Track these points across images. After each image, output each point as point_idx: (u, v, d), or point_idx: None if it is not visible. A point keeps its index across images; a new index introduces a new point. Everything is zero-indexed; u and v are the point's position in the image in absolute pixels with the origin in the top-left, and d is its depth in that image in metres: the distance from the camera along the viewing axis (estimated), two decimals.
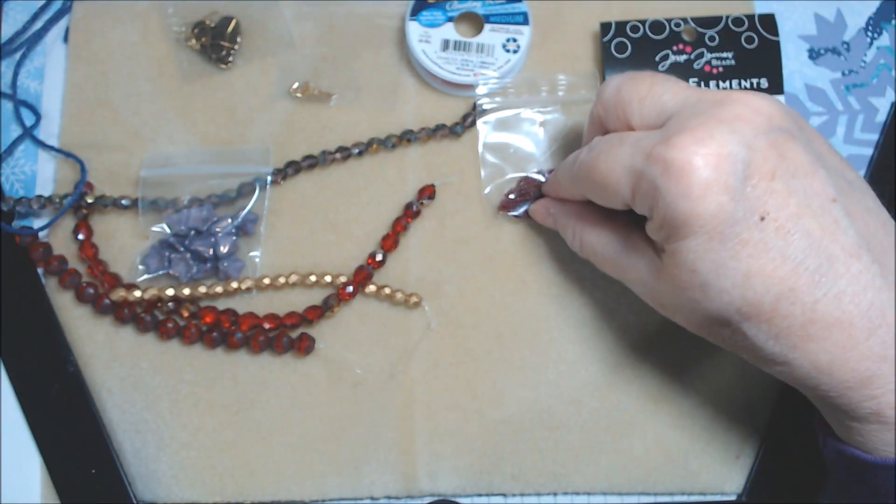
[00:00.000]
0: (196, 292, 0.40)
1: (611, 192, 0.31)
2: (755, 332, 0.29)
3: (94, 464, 0.39)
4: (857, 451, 0.29)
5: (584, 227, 0.36)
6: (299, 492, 0.39)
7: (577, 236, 0.37)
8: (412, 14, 0.43)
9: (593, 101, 0.35)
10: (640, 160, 0.29)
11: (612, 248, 0.35)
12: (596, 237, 0.35)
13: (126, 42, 0.44)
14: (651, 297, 0.33)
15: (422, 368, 0.40)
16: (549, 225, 0.39)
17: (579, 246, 0.37)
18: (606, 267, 0.35)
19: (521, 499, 0.40)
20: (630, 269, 0.33)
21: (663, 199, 0.28)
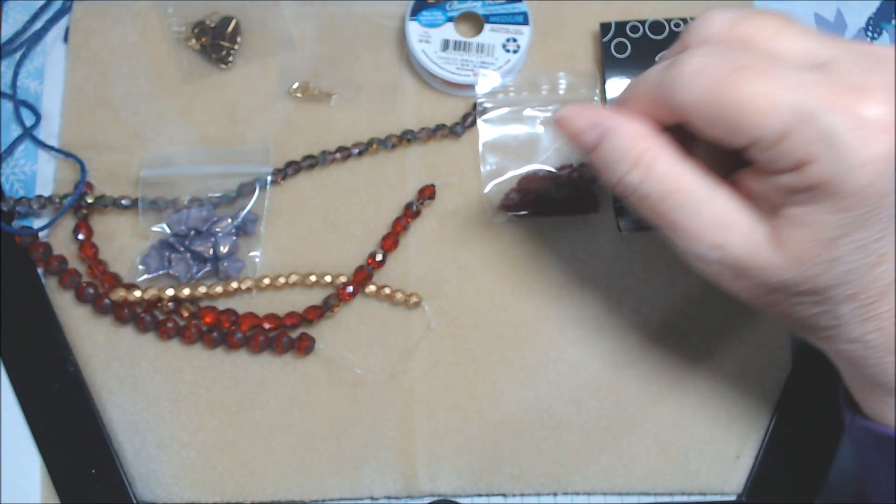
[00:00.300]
0: (196, 292, 0.40)
1: (740, 124, 0.25)
2: (844, 310, 0.27)
3: (94, 464, 0.39)
4: (887, 429, 0.29)
5: (661, 154, 0.28)
6: (299, 492, 0.39)
7: (646, 165, 0.28)
8: (412, 14, 0.43)
9: (684, 34, 0.29)
10: (817, 103, 0.24)
11: (694, 190, 0.28)
12: (676, 171, 0.28)
13: (126, 42, 0.44)
14: (720, 259, 0.28)
15: (422, 368, 0.40)
16: (586, 143, 0.30)
17: (641, 179, 0.28)
18: (672, 216, 0.28)
19: (521, 499, 0.40)
20: (709, 222, 0.27)
21: (836, 160, 0.24)
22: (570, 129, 0.30)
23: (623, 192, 0.29)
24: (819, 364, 0.40)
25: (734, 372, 0.40)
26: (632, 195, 0.29)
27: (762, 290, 0.28)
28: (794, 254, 0.26)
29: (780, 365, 0.40)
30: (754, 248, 0.27)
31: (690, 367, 0.40)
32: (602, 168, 0.29)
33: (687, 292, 0.41)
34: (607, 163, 0.29)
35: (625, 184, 0.29)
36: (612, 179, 0.29)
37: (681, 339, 0.41)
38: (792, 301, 0.28)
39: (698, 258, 0.28)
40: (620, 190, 0.29)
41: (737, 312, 0.41)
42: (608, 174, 0.29)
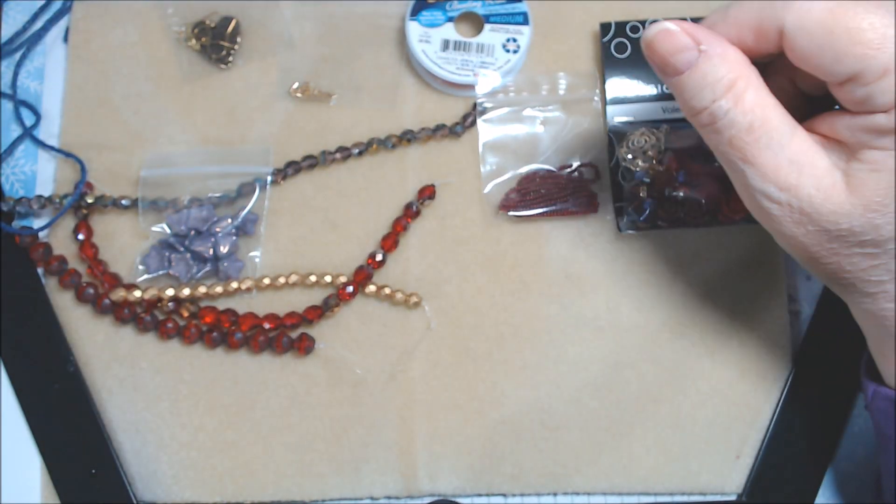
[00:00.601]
0: (196, 292, 0.40)
1: (850, 53, 0.25)
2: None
3: (94, 464, 0.39)
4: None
5: (752, 84, 0.27)
6: (299, 492, 0.39)
7: (738, 93, 0.27)
8: (412, 14, 0.43)
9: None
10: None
11: (778, 126, 0.27)
12: (765, 104, 0.27)
13: (126, 42, 0.44)
14: (789, 200, 0.27)
15: (422, 368, 0.40)
16: (678, 63, 0.28)
17: (730, 107, 0.27)
18: (751, 149, 0.27)
19: (521, 499, 0.40)
20: (787, 160, 0.27)
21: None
22: (665, 49, 0.28)
23: (707, 120, 0.28)
24: (819, 364, 0.40)
25: (734, 372, 0.40)
26: (715, 123, 0.28)
27: (822, 238, 0.28)
28: (865, 200, 0.26)
29: (780, 365, 0.40)
30: (827, 191, 0.27)
31: (690, 367, 0.40)
32: (689, 93, 0.28)
33: (687, 292, 0.41)
34: (698, 87, 0.28)
35: (712, 110, 0.28)
36: (698, 105, 0.28)
37: (681, 339, 0.41)
38: (849, 252, 0.28)
39: (767, 197, 0.28)
40: (703, 118, 0.28)
41: (737, 312, 0.41)
42: (696, 99, 0.28)
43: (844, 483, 0.39)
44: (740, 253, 0.42)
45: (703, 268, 0.42)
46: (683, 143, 0.41)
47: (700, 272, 0.41)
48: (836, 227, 0.27)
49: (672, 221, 0.40)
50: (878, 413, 0.32)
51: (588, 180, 0.42)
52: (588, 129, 0.43)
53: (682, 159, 0.40)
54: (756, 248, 0.42)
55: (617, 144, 0.42)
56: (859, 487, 0.39)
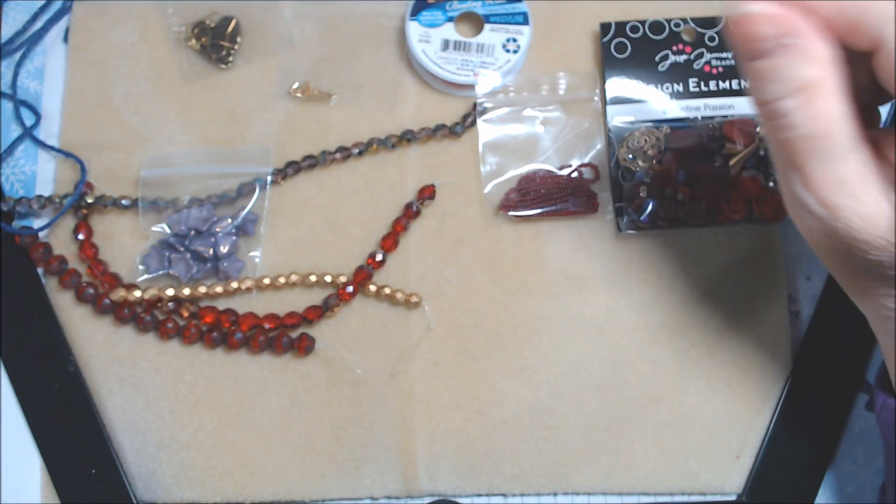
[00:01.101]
0: (196, 292, 0.40)
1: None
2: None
3: (94, 464, 0.39)
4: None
5: (830, 89, 0.24)
6: (299, 492, 0.39)
7: (811, 96, 0.24)
8: (412, 14, 0.43)
9: None
10: None
11: (841, 140, 0.25)
12: (835, 113, 0.24)
13: (126, 42, 0.44)
14: (825, 217, 0.25)
15: (422, 368, 0.40)
16: (757, 50, 0.25)
17: (797, 108, 0.24)
18: (804, 157, 0.25)
19: (521, 499, 0.40)
20: (836, 178, 0.25)
21: None
22: (748, 32, 0.25)
23: (767, 115, 0.26)
24: (819, 364, 0.40)
25: (734, 372, 0.40)
26: (776, 120, 0.25)
27: (847, 258, 0.26)
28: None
29: (780, 365, 0.40)
30: (867, 220, 0.25)
31: (690, 367, 0.40)
32: (757, 81, 0.25)
33: (687, 292, 0.41)
34: (769, 78, 0.25)
35: (776, 106, 0.25)
36: (762, 97, 0.25)
37: (681, 339, 0.41)
38: (870, 275, 0.26)
39: (804, 207, 0.26)
40: (766, 111, 0.26)
41: (737, 312, 0.41)
42: (761, 91, 0.25)
43: (844, 483, 0.39)
44: (740, 253, 0.42)
45: (703, 268, 0.42)
46: (683, 143, 0.41)
47: (700, 272, 0.41)
48: (865, 256, 0.26)
49: (672, 221, 0.40)
50: (886, 425, 0.31)
51: (588, 180, 0.42)
52: (588, 129, 0.43)
53: (682, 159, 0.40)
54: (756, 248, 0.42)
55: (617, 144, 0.42)
56: (859, 487, 0.39)
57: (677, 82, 0.43)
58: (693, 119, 0.42)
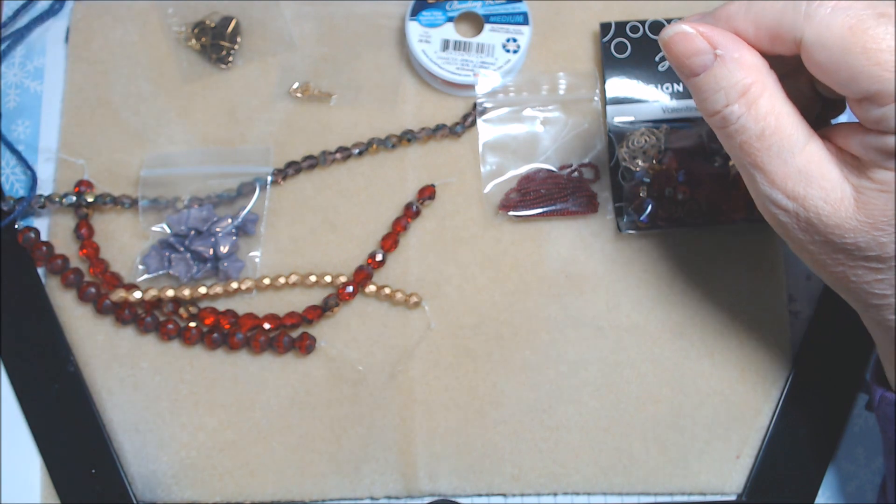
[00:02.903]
0: (196, 293, 0.40)
1: (865, 74, 0.25)
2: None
3: (94, 464, 0.39)
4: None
5: (767, 89, 0.27)
6: (299, 492, 0.39)
7: (752, 98, 0.27)
8: (412, 14, 0.43)
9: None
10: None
11: (791, 134, 0.27)
12: (779, 111, 0.27)
13: (126, 42, 0.44)
14: (796, 209, 0.27)
15: (422, 368, 0.40)
16: (694, 66, 0.28)
17: (745, 111, 0.27)
18: (761, 156, 0.27)
19: (521, 499, 0.40)
20: (796, 170, 0.27)
21: None
22: (680, 50, 0.28)
23: (719, 124, 0.28)
24: (819, 364, 0.40)
25: (734, 372, 0.40)
26: (728, 127, 0.28)
27: (827, 248, 0.28)
28: (873, 218, 0.26)
29: (780, 365, 0.40)
30: (834, 205, 0.26)
31: (690, 367, 0.40)
32: (703, 95, 0.28)
33: (687, 292, 0.41)
34: (711, 90, 0.28)
35: (725, 115, 0.27)
36: (711, 107, 0.28)
37: (681, 338, 0.41)
38: (853, 264, 0.28)
39: (773, 203, 0.28)
40: (716, 120, 0.28)
41: (737, 312, 0.41)
42: (710, 102, 0.28)
43: (844, 483, 0.39)
44: (740, 253, 0.42)
45: (703, 268, 0.42)
46: (683, 143, 0.41)
47: (700, 272, 0.41)
48: (842, 241, 0.27)
49: (672, 221, 0.40)
50: (884, 419, 0.32)
51: (588, 180, 0.42)
52: (588, 129, 0.43)
53: (682, 159, 0.40)
54: (756, 248, 0.42)
55: (617, 144, 0.42)
56: (859, 487, 0.39)
57: (677, 82, 0.43)
58: (693, 119, 0.42)
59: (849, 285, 0.29)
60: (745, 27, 0.28)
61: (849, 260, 0.28)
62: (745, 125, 0.27)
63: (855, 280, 0.29)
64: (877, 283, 0.28)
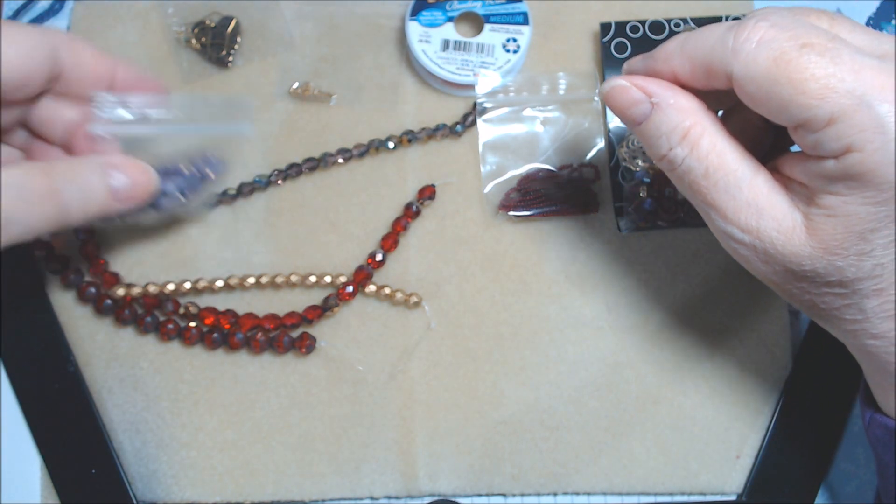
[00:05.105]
0: (197, 286, 0.40)
1: (795, 102, 0.25)
2: (871, 304, 0.27)
3: (94, 464, 0.39)
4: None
5: (707, 130, 0.28)
6: (299, 492, 0.39)
7: (692, 140, 0.28)
8: (412, 14, 0.43)
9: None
10: (873, 91, 0.24)
11: (735, 169, 0.28)
12: (720, 149, 0.28)
13: (126, 42, 0.44)
14: (752, 242, 0.28)
15: (422, 368, 0.40)
16: (634, 117, 0.29)
17: (686, 154, 0.28)
18: (711, 193, 0.28)
19: (521, 499, 0.40)
20: (746, 203, 0.28)
21: (883, 150, 0.24)
22: (619, 103, 0.30)
23: (667, 167, 0.29)
24: (819, 364, 0.40)
25: (734, 372, 0.40)
26: (676, 169, 0.29)
27: (790, 278, 0.28)
28: (825, 243, 0.26)
29: (780, 365, 0.40)
30: (787, 234, 0.27)
31: (690, 367, 0.40)
32: (648, 141, 0.29)
33: (687, 292, 0.41)
34: (654, 137, 0.29)
35: (670, 158, 0.29)
36: (658, 152, 0.29)
37: (681, 338, 0.41)
38: (818, 291, 0.28)
39: (730, 238, 0.28)
40: (665, 164, 0.29)
41: (737, 312, 0.41)
42: (655, 147, 0.29)
43: (844, 483, 0.39)
44: None
45: (703, 268, 0.42)
46: None
47: (700, 272, 0.41)
48: (801, 269, 0.27)
49: (672, 221, 0.40)
50: (875, 440, 0.32)
51: (588, 180, 0.42)
52: (588, 129, 0.43)
53: None
54: None
55: (617, 144, 0.42)
56: (859, 487, 0.39)
57: None
58: None
59: (821, 313, 0.29)
60: (681, 65, 0.29)
61: (812, 287, 0.28)
62: (690, 165, 0.28)
63: (825, 308, 0.29)
64: (846, 309, 0.28)
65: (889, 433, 0.30)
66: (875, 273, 0.27)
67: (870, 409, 0.31)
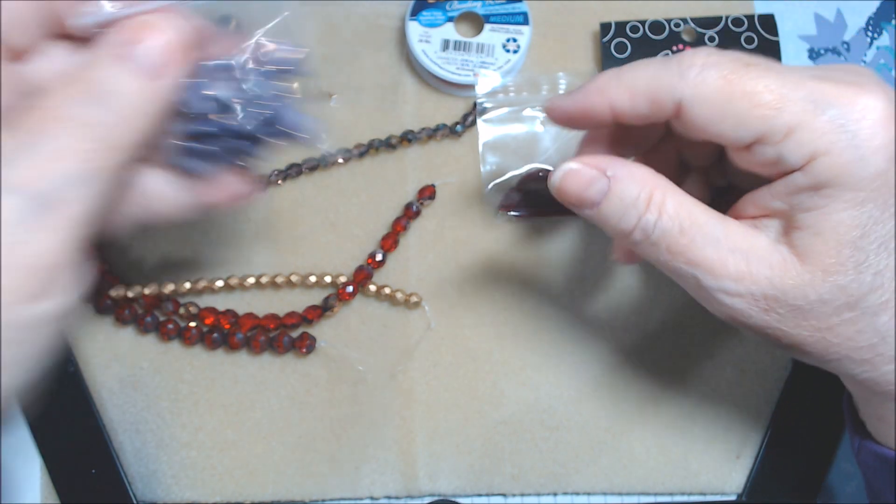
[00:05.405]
0: (196, 286, 0.40)
1: (751, 115, 0.25)
2: (882, 320, 0.26)
3: (94, 464, 0.39)
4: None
5: (668, 190, 0.27)
6: (299, 492, 0.39)
7: (658, 204, 0.27)
8: (412, 14, 0.43)
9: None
10: (825, 96, 0.25)
11: (707, 221, 0.27)
12: (687, 205, 0.27)
13: None
14: (748, 288, 0.27)
15: (422, 368, 0.40)
16: (593, 197, 0.28)
17: (657, 215, 0.27)
18: (692, 251, 0.27)
19: (521, 499, 0.40)
20: (730, 251, 0.27)
21: (849, 149, 0.24)
22: (576, 187, 0.28)
23: (640, 237, 0.28)
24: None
25: (734, 372, 0.40)
26: (648, 238, 0.27)
27: (797, 318, 0.27)
28: (821, 264, 0.26)
29: (780, 365, 0.40)
30: (780, 269, 0.26)
31: (690, 367, 0.40)
32: (614, 218, 0.28)
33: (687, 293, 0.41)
34: (620, 210, 0.28)
35: (642, 226, 0.27)
36: (627, 226, 0.28)
37: (681, 339, 0.41)
38: (828, 324, 0.27)
39: (725, 293, 0.27)
40: (636, 235, 0.28)
41: None
42: (623, 222, 0.28)
43: (844, 483, 0.39)
44: None
45: None
46: None
47: None
48: (806, 301, 0.26)
49: None
50: (865, 467, 0.31)
51: None
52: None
53: None
54: None
55: None
56: (859, 487, 0.39)
57: None
58: None
59: (833, 353, 0.28)
60: (619, 96, 0.28)
61: (822, 321, 0.27)
62: (664, 227, 0.27)
63: (838, 341, 0.27)
64: (859, 336, 0.27)
65: (884, 462, 0.29)
66: (876, 284, 0.26)
67: (858, 436, 0.31)
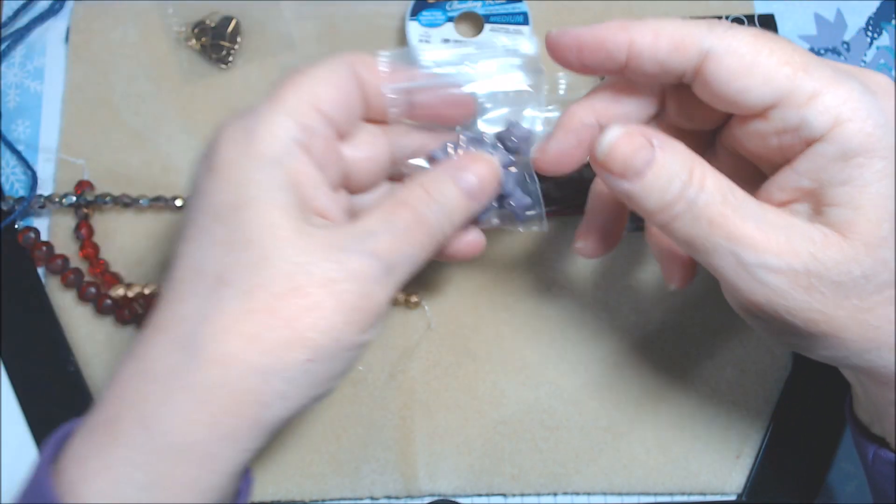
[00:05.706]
0: None
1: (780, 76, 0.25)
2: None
3: None
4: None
5: (706, 165, 0.26)
6: (299, 492, 0.39)
7: (700, 178, 0.26)
8: (412, 14, 0.43)
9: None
10: (841, 69, 0.25)
11: (747, 196, 0.26)
12: (725, 178, 0.26)
13: (126, 42, 0.44)
14: (791, 264, 0.25)
15: (422, 368, 0.40)
16: (636, 165, 0.26)
17: (698, 191, 0.26)
18: (734, 224, 0.25)
19: (521, 499, 0.40)
20: (771, 226, 0.26)
21: (875, 114, 0.24)
22: (626, 151, 0.26)
23: (681, 209, 0.26)
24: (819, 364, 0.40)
25: (734, 372, 0.40)
26: (693, 209, 0.26)
27: (839, 297, 0.25)
28: (864, 238, 0.25)
29: (780, 365, 0.40)
30: (822, 245, 0.25)
31: (690, 367, 0.40)
32: (658, 188, 0.26)
33: (687, 292, 0.41)
34: (665, 181, 0.26)
35: (686, 197, 0.26)
36: (670, 196, 0.26)
37: (681, 338, 0.41)
38: (870, 303, 0.26)
39: (766, 268, 0.25)
40: (679, 207, 0.26)
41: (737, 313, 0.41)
42: (667, 192, 0.26)
43: (844, 483, 0.39)
44: None
45: (703, 268, 0.41)
46: None
47: (700, 272, 0.41)
48: (850, 277, 0.25)
49: None
50: (880, 476, 0.30)
51: (588, 180, 0.42)
52: None
53: None
54: None
55: None
56: (859, 487, 0.39)
57: None
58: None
59: (870, 337, 0.26)
60: (642, 34, 0.27)
61: (864, 300, 0.26)
62: (709, 198, 0.26)
63: (877, 325, 0.26)
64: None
65: (885, 464, 0.29)
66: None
67: (873, 444, 0.30)
